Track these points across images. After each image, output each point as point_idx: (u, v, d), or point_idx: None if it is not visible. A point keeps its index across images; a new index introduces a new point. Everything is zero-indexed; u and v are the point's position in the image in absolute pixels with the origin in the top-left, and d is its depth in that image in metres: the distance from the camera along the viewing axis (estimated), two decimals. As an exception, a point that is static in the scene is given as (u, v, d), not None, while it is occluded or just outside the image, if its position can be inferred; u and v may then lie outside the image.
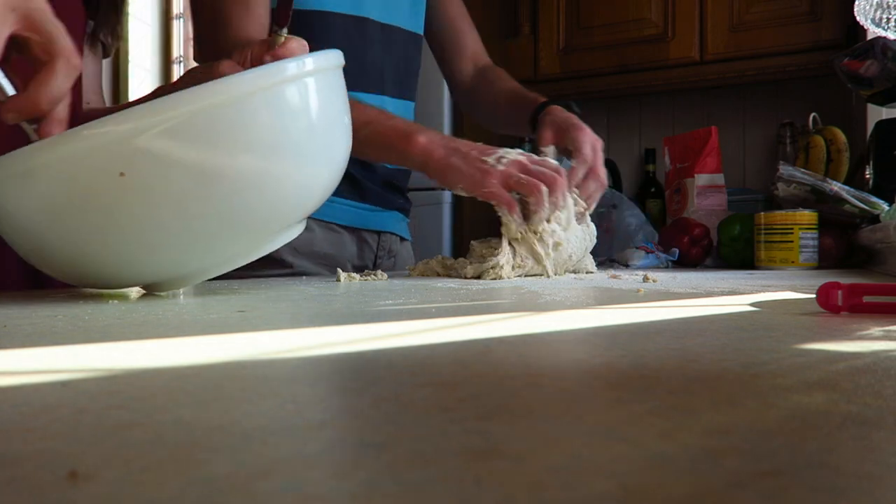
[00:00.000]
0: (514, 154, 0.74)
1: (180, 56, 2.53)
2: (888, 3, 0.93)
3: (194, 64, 0.89)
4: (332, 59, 0.51)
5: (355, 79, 0.89)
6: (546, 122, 0.90)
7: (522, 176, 0.72)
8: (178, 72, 2.49)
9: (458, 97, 1.11)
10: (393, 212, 0.98)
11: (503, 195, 0.71)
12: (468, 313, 0.38)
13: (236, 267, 0.50)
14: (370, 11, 0.89)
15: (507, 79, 1.05)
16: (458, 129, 1.75)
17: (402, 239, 1.02)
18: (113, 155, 0.39)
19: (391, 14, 0.92)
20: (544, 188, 0.71)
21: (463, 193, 0.74)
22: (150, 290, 0.53)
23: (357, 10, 0.88)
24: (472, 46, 1.07)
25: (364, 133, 0.73)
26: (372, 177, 0.93)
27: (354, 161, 0.91)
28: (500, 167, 0.72)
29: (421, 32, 0.99)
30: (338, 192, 0.89)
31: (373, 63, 0.90)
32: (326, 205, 0.88)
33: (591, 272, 0.82)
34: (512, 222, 0.72)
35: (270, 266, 0.85)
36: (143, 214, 0.42)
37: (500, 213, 0.73)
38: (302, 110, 0.47)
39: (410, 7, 0.96)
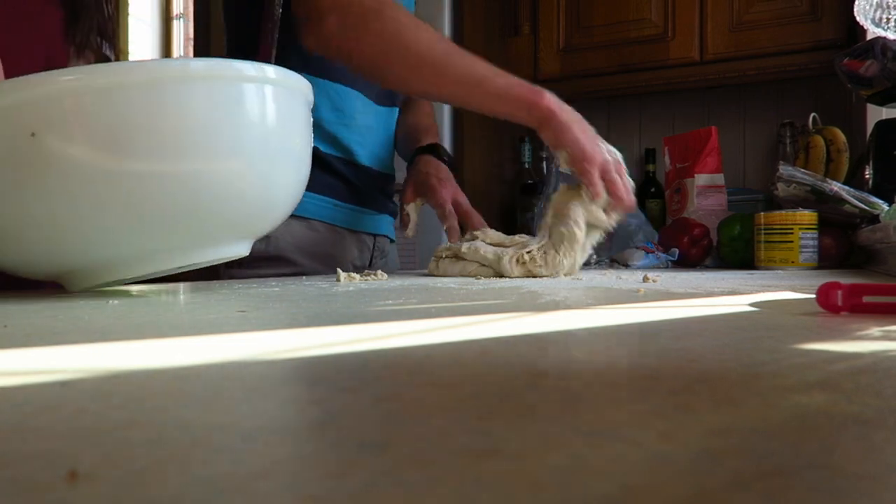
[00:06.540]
0: (616, 153, 0.79)
1: (180, 56, 2.53)
2: (888, 3, 0.93)
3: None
4: (281, 77, 0.48)
5: (347, 75, 0.89)
6: (409, 179, 0.97)
7: (617, 178, 0.76)
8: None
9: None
10: (385, 215, 1.04)
11: (598, 182, 0.75)
12: (468, 313, 0.38)
13: (153, 274, 0.48)
14: None
15: (421, 114, 1.07)
16: (458, 127, 1.75)
17: (391, 240, 1.09)
18: (24, 115, 0.39)
19: None
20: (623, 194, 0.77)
21: (561, 159, 0.77)
22: (66, 285, 0.51)
23: None
24: None
25: (486, 88, 0.76)
26: (368, 182, 0.97)
27: (354, 168, 0.95)
28: (608, 157, 0.77)
29: None
30: (341, 197, 0.94)
31: None
32: (331, 208, 0.92)
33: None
34: (592, 205, 0.75)
35: (277, 265, 0.89)
36: (53, 185, 0.41)
37: (580, 195, 0.76)
38: (232, 114, 0.44)
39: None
